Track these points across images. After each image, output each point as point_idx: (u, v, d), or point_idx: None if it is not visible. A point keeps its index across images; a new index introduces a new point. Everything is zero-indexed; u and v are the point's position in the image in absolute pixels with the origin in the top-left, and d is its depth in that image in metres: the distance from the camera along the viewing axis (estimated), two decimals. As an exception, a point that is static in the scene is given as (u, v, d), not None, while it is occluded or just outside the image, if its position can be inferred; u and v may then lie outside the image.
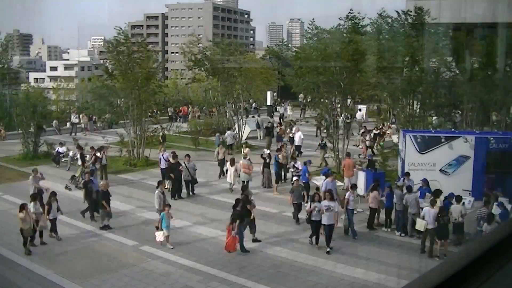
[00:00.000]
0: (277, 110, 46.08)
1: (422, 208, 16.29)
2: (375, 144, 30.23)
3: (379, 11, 35.60)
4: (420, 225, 14.92)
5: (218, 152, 24.41)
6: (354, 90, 25.25)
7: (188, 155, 21.48)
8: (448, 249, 14.73)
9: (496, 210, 15.09)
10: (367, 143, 27.68)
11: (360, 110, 39.31)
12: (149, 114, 31.91)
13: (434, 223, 14.59)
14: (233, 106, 33.88)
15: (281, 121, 38.35)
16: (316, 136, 31.39)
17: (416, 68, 24.15)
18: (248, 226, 15.44)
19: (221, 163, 23.64)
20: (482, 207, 15.37)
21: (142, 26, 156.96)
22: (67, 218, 18.07)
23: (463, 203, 15.83)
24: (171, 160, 21.39)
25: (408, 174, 18.34)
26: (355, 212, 18.62)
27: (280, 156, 22.36)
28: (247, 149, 24.01)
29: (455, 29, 26.29)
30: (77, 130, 37.11)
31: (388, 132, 32.06)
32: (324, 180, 18.47)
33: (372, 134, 30.12)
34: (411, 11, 25.46)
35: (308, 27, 26.64)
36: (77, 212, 18.71)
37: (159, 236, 14.96)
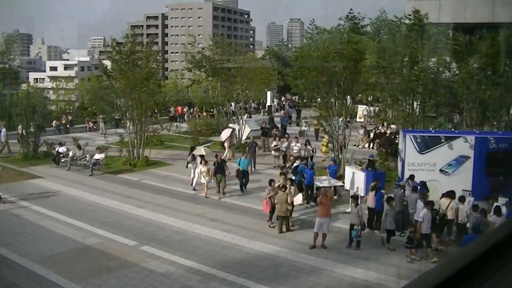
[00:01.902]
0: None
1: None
2: (375, 144, 30.26)
3: (379, 11, 35.68)
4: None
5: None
6: (354, 90, 25.22)
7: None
8: (445, 248, 14.81)
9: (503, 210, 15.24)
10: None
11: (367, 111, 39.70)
12: (150, 114, 31.85)
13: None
14: (233, 106, 33.92)
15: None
16: (317, 140, 31.26)
17: (415, 68, 24.14)
18: None
19: None
20: (477, 213, 15.15)
21: (142, 26, 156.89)
22: (67, 218, 18.10)
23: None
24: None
25: (413, 176, 18.24)
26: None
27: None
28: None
29: (455, 30, 26.31)
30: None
31: (388, 132, 32.02)
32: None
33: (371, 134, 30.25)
34: (409, 13, 25.55)
35: (308, 27, 26.65)
36: (78, 210, 18.75)
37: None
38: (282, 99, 52.80)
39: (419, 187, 17.01)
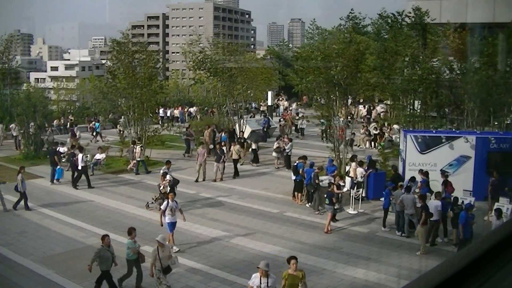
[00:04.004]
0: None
1: (419, 208, 16.52)
2: (375, 144, 30.29)
3: (380, 11, 35.57)
4: None
5: None
6: (355, 90, 25.20)
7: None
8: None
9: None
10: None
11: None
12: (151, 114, 31.85)
13: (437, 215, 15.19)
14: (234, 106, 33.90)
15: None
16: (322, 139, 31.26)
17: (416, 67, 24.14)
18: None
19: None
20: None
21: (143, 26, 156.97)
22: (68, 217, 18.11)
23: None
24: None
25: (413, 179, 18.14)
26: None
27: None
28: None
29: (456, 29, 26.27)
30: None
31: (389, 131, 32.05)
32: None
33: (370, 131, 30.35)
34: (410, 12, 25.55)
35: (309, 27, 26.63)
36: (79, 210, 18.78)
37: None
38: (281, 99, 52.73)
39: (412, 187, 17.05)
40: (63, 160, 26.19)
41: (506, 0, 30.12)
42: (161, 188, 18.86)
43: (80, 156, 22.27)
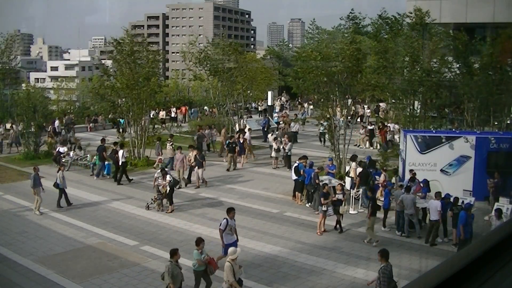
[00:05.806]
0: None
1: (419, 208, 16.53)
2: (375, 144, 30.27)
3: (380, 12, 35.60)
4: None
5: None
6: (355, 90, 25.18)
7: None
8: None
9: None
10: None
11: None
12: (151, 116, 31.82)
13: (437, 215, 15.31)
14: (234, 106, 33.94)
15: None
16: (321, 141, 31.24)
17: (416, 68, 24.11)
18: None
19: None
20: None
21: (143, 26, 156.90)
22: (68, 217, 18.11)
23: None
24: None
25: (413, 179, 18.11)
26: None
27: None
28: None
29: (456, 29, 26.27)
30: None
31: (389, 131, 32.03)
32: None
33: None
34: (411, 12, 25.55)
35: (309, 27, 26.65)
36: (79, 210, 18.77)
37: None
38: (282, 99, 52.71)
39: (412, 187, 17.06)
40: (63, 160, 26.19)
41: (506, 0, 30.08)
42: (161, 188, 18.88)
43: (121, 152, 22.89)
